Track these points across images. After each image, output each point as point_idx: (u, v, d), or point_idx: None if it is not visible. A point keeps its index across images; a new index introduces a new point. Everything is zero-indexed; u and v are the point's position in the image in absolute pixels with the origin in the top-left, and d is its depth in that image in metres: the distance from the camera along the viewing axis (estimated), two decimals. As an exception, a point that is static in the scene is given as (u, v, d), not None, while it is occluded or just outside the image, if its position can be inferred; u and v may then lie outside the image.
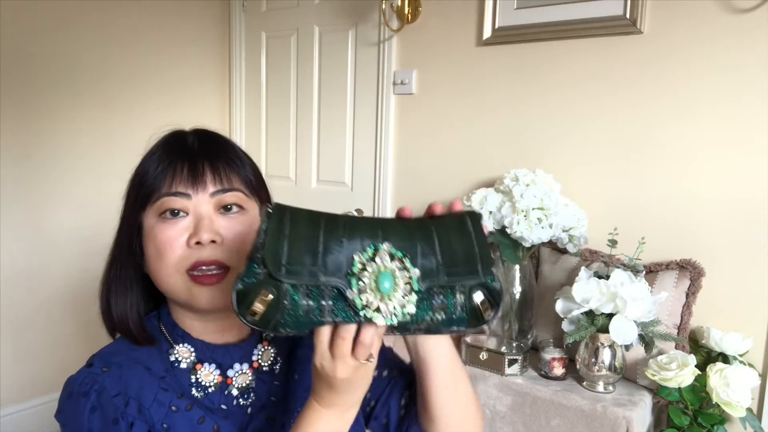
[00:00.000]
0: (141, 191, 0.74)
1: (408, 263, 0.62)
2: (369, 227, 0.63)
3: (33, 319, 2.34)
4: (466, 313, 0.64)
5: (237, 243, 0.73)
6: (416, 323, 0.62)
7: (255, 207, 0.79)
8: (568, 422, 1.55)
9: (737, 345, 1.60)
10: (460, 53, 2.15)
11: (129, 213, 0.76)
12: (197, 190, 0.73)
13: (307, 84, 2.62)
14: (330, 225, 0.63)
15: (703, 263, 1.69)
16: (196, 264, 0.72)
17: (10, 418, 2.31)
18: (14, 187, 2.26)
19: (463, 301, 0.64)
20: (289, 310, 0.59)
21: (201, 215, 0.73)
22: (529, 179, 1.73)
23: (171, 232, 0.72)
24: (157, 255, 0.73)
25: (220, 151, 0.77)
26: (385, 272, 0.60)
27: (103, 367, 0.72)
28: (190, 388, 0.75)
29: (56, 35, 2.31)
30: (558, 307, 1.62)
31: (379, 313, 0.60)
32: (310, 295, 0.60)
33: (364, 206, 2.49)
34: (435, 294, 0.63)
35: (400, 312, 0.61)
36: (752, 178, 1.65)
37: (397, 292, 0.61)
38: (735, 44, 1.64)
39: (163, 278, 0.73)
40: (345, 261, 0.60)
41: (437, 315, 0.63)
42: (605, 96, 1.87)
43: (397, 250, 0.62)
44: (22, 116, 2.25)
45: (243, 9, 2.81)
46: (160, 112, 2.61)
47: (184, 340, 0.77)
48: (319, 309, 0.60)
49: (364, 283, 0.60)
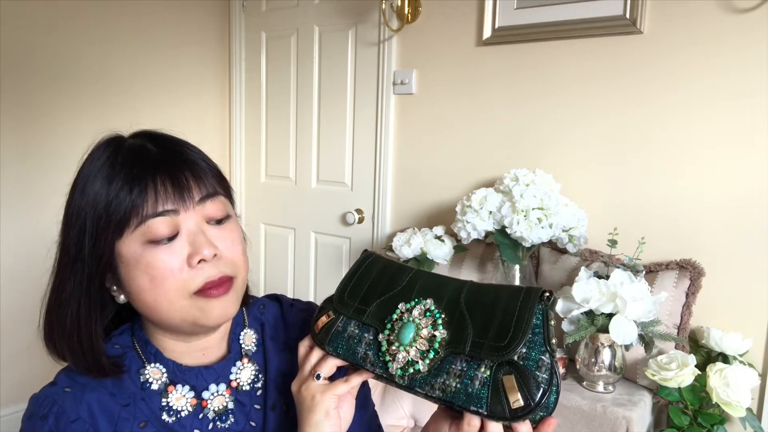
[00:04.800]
0: (112, 218, 0.65)
1: (439, 322, 0.64)
2: (426, 282, 0.68)
3: (33, 318, 2.34)
4: (488, 392, 0.58)
5: (234, 251, 0.70)
6: (427, 384, 0.62)
7: (231, 207, 0.74)
8: (568, 422, 1.55)
9: (737, 345, 1.60)
10: (460, 53, 2.15)
11: (96, 244, 0.66)
12: (186, 205, 0.67)
13: (307, 84, 2.62)
14: (396, 274, 0.71)
15: (703, 263, 1.69)
16: (205, 285, 0.67)
17: (10, 418, 2.31)
18: (14, 187, 2.26)
19: (486, 378, 0.58)
20: (339, 332, 0.69)
21: (193, 231, 0.67)
22: (529, 179, 1.73)
23: (167, 257, 0.65)
24: (153, 285, 0.66)
25: (190, 155, 0.71)
26: (410, 324, 0.64)
27: (66, 386, 0.68)
28: (161, 412, 0.70)
29: (56, 35, 2.31)
30: (558, 307, 1.62)
31: (394, 361, 0.64)
32: (359, 327, 0.68)
33: (364, 206, 2.49)
34: (456, 361, 0.61)
35: (412, 367, 0.63)
36: (752, 178, 1.65)
37: (414, 346, 0.63)
38: (735, 44, 1.64)
39: (162, 307, 0.67)
40: (391, 308, 0.67)
41: (451, 381, 0.60)
42: (605, 96, 1.87)
43: (437, 309, 0.65)
44: (22, 116, 2.26)
45: (243, 9, 2.81)
46: (159, 111, 2.61)
47: (156, 359, 0.72)
48: (359, 339, 0.67)
49: (393, 330, 0.65)
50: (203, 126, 2.82)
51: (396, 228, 2.38)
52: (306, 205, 2.70)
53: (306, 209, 2.69)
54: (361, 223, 2.50)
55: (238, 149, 2.91)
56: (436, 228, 2.02)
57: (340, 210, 2.56)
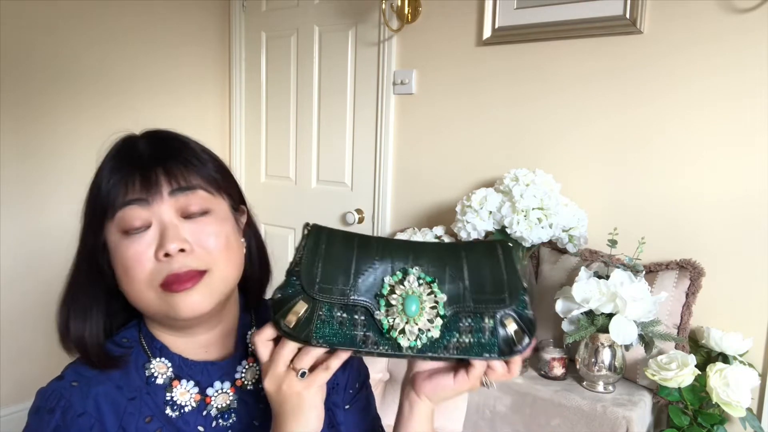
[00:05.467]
0: (96, 208, 0.69)
1: (435, 288, 0.65)
2: (400, 250, 0.67)
3: (33, 318, 2.34)
4: (497, 339, 0.65)
5: (209, 245, 0.69)
6: (443, 346, 0.64)
7: (222, 204, 0.73)
8: (568, 422, 1.55)
9: (737, 345, 1.60)
10: (460, 53, 2.15)
11: (88, 232, 0.71)
12: (153, 195, 0.68)
13: (307, 84, 2.61)
14: (363, 247, 0.67)
15: (703, 263, 1.69)
16: (168, 277, 0.67)
17: (10, 418, 2.31)
18: (14, 187, 2.25)
19: (492, 326, 0.65)
20: (325, 320, 0.63)
21: (165, 224, 0.68)
22: (529, 179, 1.73)
23: (136, 246, 0.67)
24: (124, 273, 0.68)
25: (175, 154, 0.71)
26: (412, 296, 0.64)
27: (73, 380, 0.69)
28: (165, 407, 0.71)
29: (56, 35, 2.31)
30: (558, 307, 1.62)
31: (404, 335, 0.63)
32: (344, 310, 0.64)
33: (364, 206, 2.49)
34: (462, 318, 0.65)
35: (425, 335, 0.63)
36: (752, 178, 1.65)
37: (423, 316, 0.64)
38: (735, 44, 1.64)
39: (135, 296, 0.69)
40: (376, 282, 0.65)
41: (464, 338, 0.64)
42: (605, 96, 1.87)
43: (425, 275, 0.65)
44: (22, 116, 2.25)
45: (243, 9, 2.81)
46: (159, 111, 2.61)
47: (161, 353, 0.73)
48: (351, 323, 0.63)
49: (392, 305, 0.64)
50: (203, 126, 2.82)
51: (396, 228, 2.38)
52: (306, 205, 2.69)
53: (306, 209, 2.69)
54: (361, 223, 2.50)
55: (238, 149, 2.91)
56: (436, 228, 2.02)
57: (340, 210, 2.56)
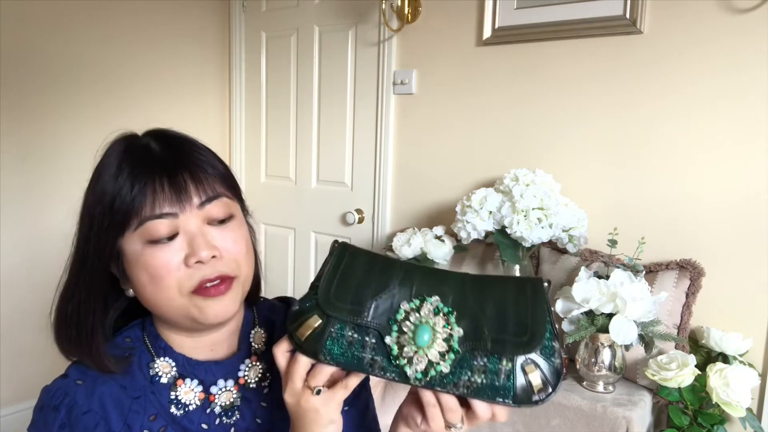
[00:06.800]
0: (115, 216, 0.66)
1: (453, 320, 0.62)
2: (424, 277, 0.64)
3: (32, 319, 2.34)
4: (513, 385, 0.60)
5: (236, 250, 0.70)
6: (452, 383, 0.61)
7: (238, 208, 0.74)
8: (568, 422, 1.55)
9: (737, 345, 1.60)
10: (460, 53, 2.15)
11: (99, 239, 0.68)
12: (183, 208, 0.67)
13: (307, 84, 2.61)
14: (386, 269, 0.65)
15: (703, 263, 1.69)
16: (201, 283, 0.67)
17: (10, 418, 2.31)
18: (13, 187, 2.25)
19: (509, 370, 0.60)
20: (335, 338, 0.62)
21: (192, 233, 0.67)
22: (529, 179, 1.73)
23: (164, 255, 0.66)
24: (152, 281, 0.67)
25: (194, 157, 0.70)
26: (425, 325, 0.61)
27: (77, 379, 0.69)
28: (169, 405, 0.72)
29: (56, 35, 2.31)
30: (558, 307, 1.62)
31: (411, 365, 0.61)
32: (356, 330, 0.62)
33: (364, 206, 2.49)
34: (478, 356, 0.61)
35: (434, 369, 0.60)
36: (752, 178, 1.65)
37: (433, 347, 0.61)
38: (735, 44, 1.64)
39: (161, 303, 0.68)
40: (393, 307, 0.63)
41: (477, 377, 0.60)
42: (605, 96, 1.87)
43: (444, 306, 0.62)
44: (22, 116, 2.25)
45: (243, 9, 2.81)
46: (159, 111, 2.61)
47: (165, 353, 0.74)
48: (361, 344, 0.62)
49: (404, 333, 0.61)
50: (203, 126, 2.82)
51: (396, 228, 2.38)
52: (306, 205, 2.70)
53: (306, 209, 2.69)
54: (361, 223, 2.50)
55: (238, 149, 2.91)
56: (436, 228, 2.02)
57: (340, 210, 2.56)
